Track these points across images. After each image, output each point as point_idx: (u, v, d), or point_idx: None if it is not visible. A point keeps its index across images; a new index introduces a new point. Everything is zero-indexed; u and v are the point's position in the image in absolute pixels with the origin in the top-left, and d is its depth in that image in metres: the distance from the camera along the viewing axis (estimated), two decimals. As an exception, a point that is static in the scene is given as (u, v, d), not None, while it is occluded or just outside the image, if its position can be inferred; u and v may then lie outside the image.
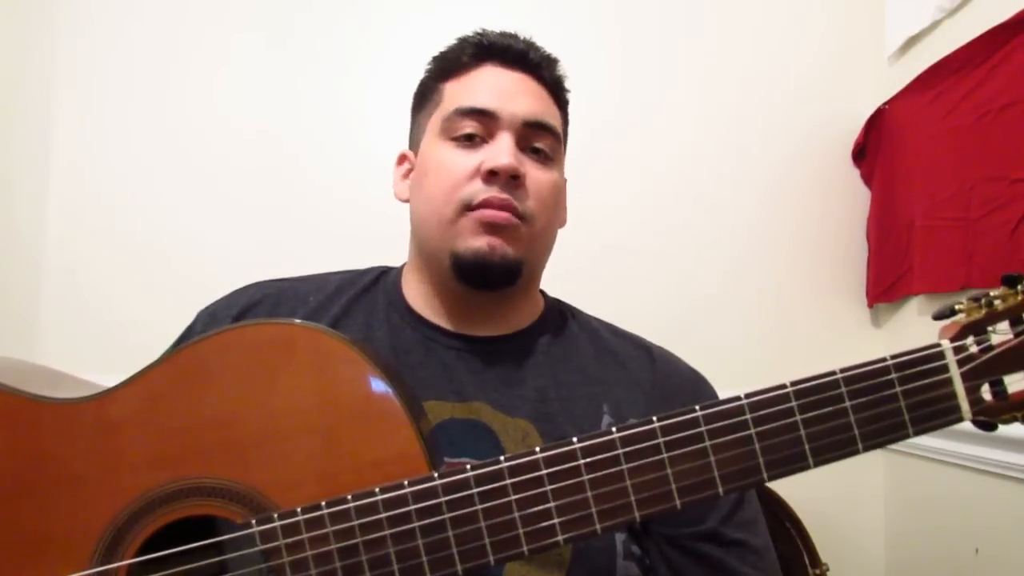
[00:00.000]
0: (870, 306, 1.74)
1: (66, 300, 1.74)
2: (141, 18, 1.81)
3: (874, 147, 1.73)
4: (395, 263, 0.94)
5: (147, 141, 1.78)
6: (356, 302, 0.87)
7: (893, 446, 1.62)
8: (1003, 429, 1.21)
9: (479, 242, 0.79)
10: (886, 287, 1.67)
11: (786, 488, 1.44)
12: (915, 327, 1.59)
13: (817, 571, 1.38)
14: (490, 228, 0.79)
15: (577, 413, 0.80)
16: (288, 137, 1.79)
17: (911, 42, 1.63)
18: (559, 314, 0.91)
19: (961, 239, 1.40)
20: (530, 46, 0.87)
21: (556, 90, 0.88)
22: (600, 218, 1.74)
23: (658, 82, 1.81)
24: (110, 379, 0.65)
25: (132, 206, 1.76)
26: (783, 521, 1.39)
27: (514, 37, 0.87)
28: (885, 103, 1.69)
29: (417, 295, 0.87)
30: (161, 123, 1.79)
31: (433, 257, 0.84)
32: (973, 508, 1.35)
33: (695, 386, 0.87)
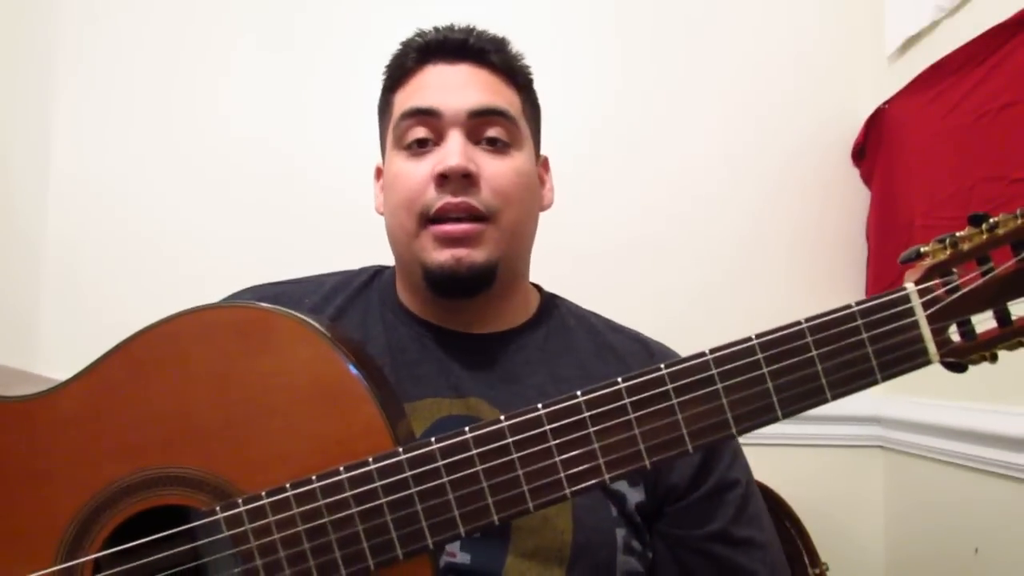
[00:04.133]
0: (870, 306, 1.74)
1: (66, 300, 1.74)
2: (142, 19, 1.81)
3: (874, 147, 1.73)
4: (392, 263, 0.94)
5: (147, 142, 1.78)
6: (351, 302, 0.87)
7: (893, 445, 1.62)
8: (1003, 428, 1.21)
9: (443, 256, 0.78)
10: (886, 287, 1.65)
11: (786, 488, 1.44)
12: (915, 327, 1.58)
13: (817, 571, 1.38)
14: (451, 241, 0.78)
15: None
16: (288, 138, 1.79)
17: (911, 42, 1.63)
18: (555, 309, 0.91)
19: (961, 239, 1.39)
20: (469, 33, 0.85)
21: (508, 71, 0.86)
22: (599, 217, 1.74)
23: (657, 82, 1.81)
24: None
25: (132, 207, 1.76)
26: (783, 521, 1.39)
27: (451, 29, 0.86)
28: (885, 103, 1.69)
29: (408, 296, 0.87)
30: (162, 124, 1.79)
31: (408, 269, 0.84)
32: (973, 508, 1.35)
33: None
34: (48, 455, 0.61)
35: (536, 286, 0.93)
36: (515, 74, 0.87)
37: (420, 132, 0.81)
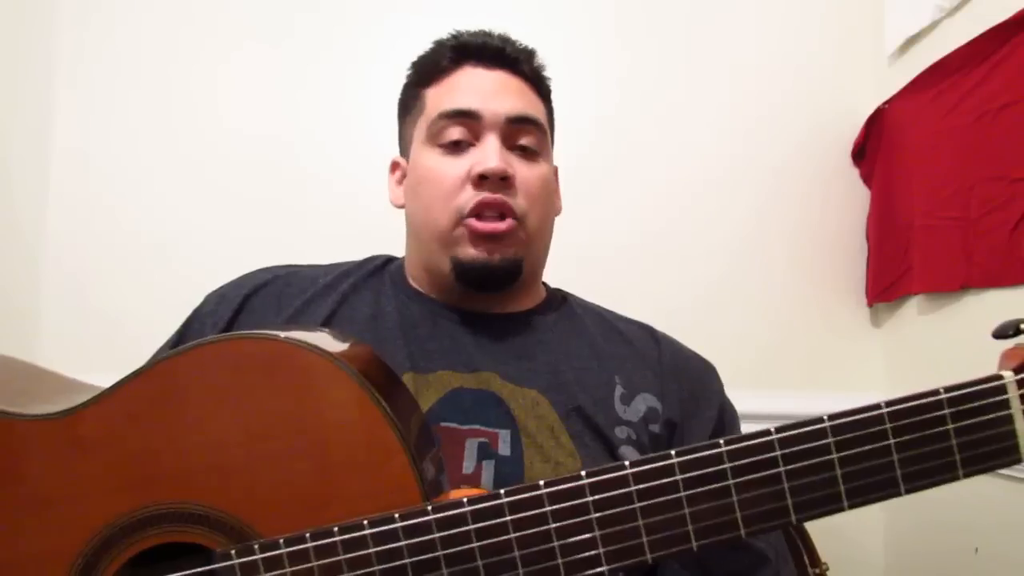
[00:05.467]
0: (869, 305, 1.74)
1: (66, 299, 1.74)
2: (141, 17, 1.81)
3: (874, 147, 1.73)
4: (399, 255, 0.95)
5: (147, 140, 1.78)
6: (364, 282, 0.89)
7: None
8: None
9: (477, 251, 0.81)
10: (885, 287, 1.67)
11: (786, 487, 1.43)
12: (914, 327, 1.59)
13: (816, 570, 1.38)
14: (487, 238, 0.80)
15: (589, 383, 0.82)
16: (289, 136, 1.79)
17: (911, 42, 1.63)
18: (561, 298, 0.93)
19: (961, 239, 1.40)
20: (506, 41, 0.88)
21: (536, 82, 0.89)
22: (600, 217, 1.74)
23: (657, 81, 1.81)
24: (110, 378, 0.64)
25: (132, 205, 1.76)
26: (783, 520, 1.39)
27: (488, 35, 0.88)
28: (885, 103, 1.69)
29: (421, 284, 0.89)
30: (162, 122, 1.79)
31: (434, 263, 0.85)
32: (973, 508, 1.35)
33: (699, 364, 0.89)
34: (61, 480, 0.59)
35: (543, 283, 0.95)
36: (541, 84, 0.90)
37: (457, 133, 0.83)
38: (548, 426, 0.78)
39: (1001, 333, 0.55)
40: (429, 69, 0.88)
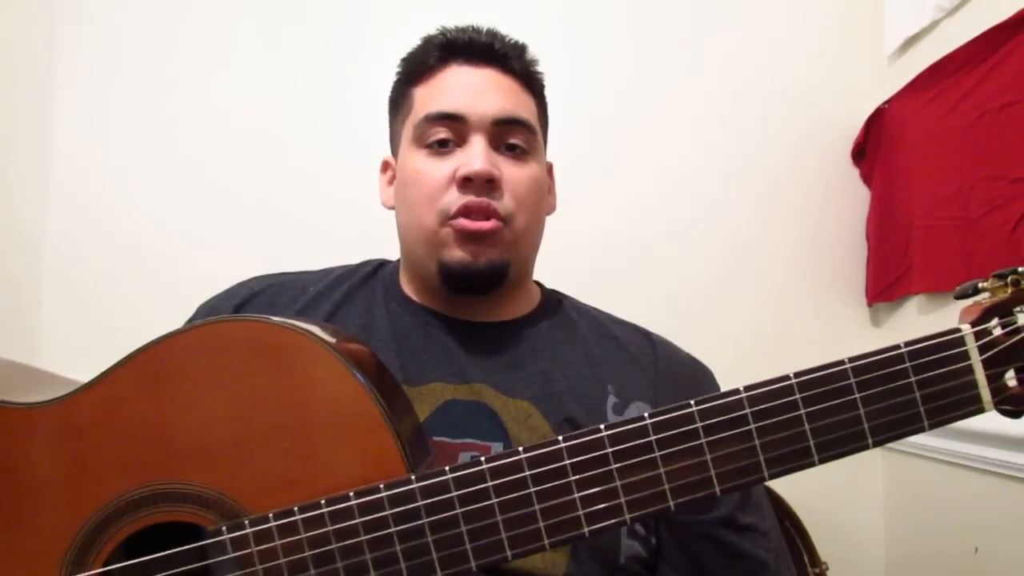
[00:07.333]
0: (869, 305, 1.74)
1: (66, 300, 1.74)
2: (141, 17, 1.81)
3: (874, 147, 1.73)
4: (394, 257, 0.94)
5: (147, 140, 1.78)
6: (356, 290, 0.88)
7: (893, 444, 1.62)
8: (1003, 428, 1.21)
9: (462, 253, 0.80)
10: (885, 286, 1.67)
11: (785, 487, 1.44)
12: (914, 326, 1.59)
13: (816, 570, 1.38)
14: (472, 238, 0.80)
15: (581, 393, 0.81)
16: (288, 135, 1.79)
17: (910, 42, 1.63)
18: (556, 302, 0.92)
19: (960, 238, 1.40)
20: (494, 37, 0.86)
21: (527, 78, 0.88)
22: (599, 216, 1.74)
23: (658, 81, 1.81)
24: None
25: (132, 205, 1.76)
26: (782, 520, 1.39)
27: (477, 31, 0.86)
28: (885, 103, 1.69)
29: (413, 289, 0.88)
30: (161, 122, 1.79)
31: (421, 265, 0.84)
32: (973, 508, 1.35)
33: (695, 369, 0.88)
34: (53, 466, 0.60)
35: (538, 283, 0.94)
36: (532, 81, 0.89)
37: (442, 134, 0.82)
38: (540, 437, 0.77)
39: (962, 294, 0.57)
40: (416, 67, 0.87)
